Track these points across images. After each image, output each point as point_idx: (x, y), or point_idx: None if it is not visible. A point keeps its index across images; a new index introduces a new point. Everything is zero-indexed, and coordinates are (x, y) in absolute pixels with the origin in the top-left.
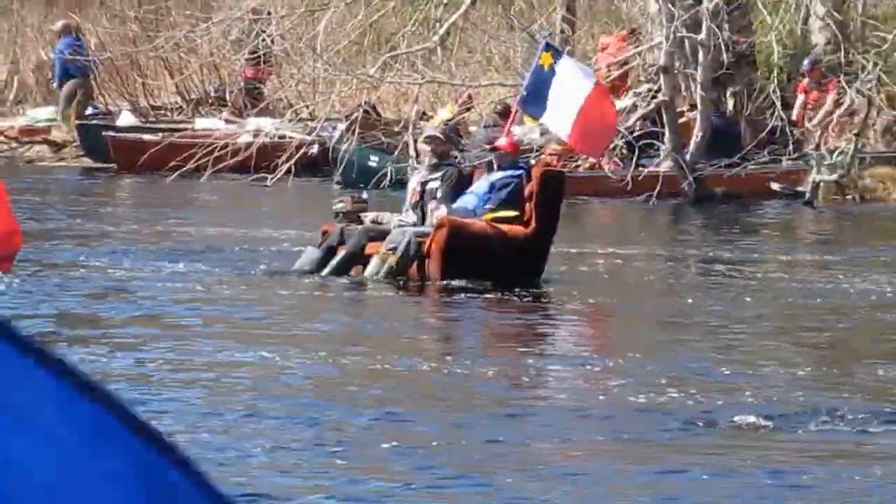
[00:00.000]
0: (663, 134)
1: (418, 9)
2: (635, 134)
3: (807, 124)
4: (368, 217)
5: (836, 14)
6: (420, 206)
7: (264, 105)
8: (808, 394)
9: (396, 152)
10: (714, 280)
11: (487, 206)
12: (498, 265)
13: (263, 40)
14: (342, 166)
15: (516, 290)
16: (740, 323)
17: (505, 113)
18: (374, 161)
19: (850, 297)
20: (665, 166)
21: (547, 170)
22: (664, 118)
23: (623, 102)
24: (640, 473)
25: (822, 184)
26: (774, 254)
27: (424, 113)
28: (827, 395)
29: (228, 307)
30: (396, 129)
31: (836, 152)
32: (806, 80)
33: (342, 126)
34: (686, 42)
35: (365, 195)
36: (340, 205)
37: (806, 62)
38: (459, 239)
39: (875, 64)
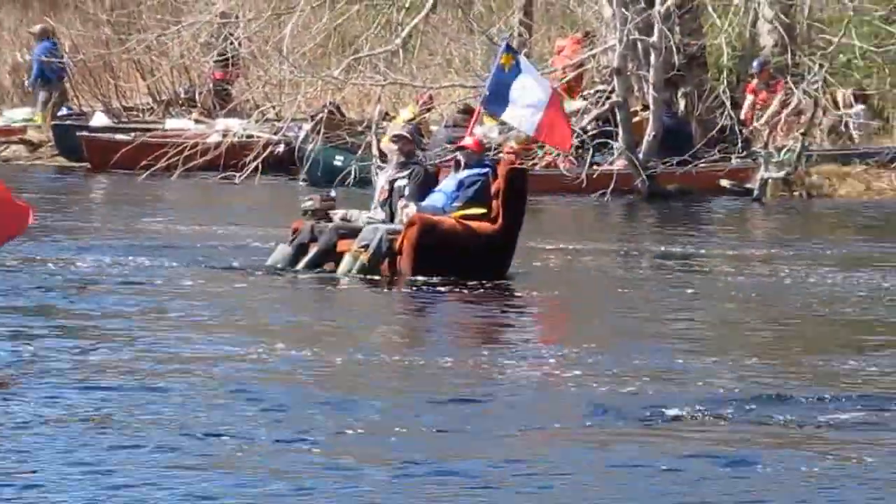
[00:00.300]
0: (617, 133)
1: (381, 12)
2: (590, 133)
3: (755, 124)
4: (337, 215)
5: (783, 17)
6: (388, 204)
7: (232, 106)
8: (756, 384)
9: (360, 151)
10: (666, 274)
11: (456, 204)
12: (466, 261)
13: (231, 43)
14: (308, 165)
15: (483, 284)
16: (690, 315)
17: (466, 112)
18: (338, 160)
19: (797, 291)
20: (619, 164)
21: (513, 167)
22: (618, 118)
23: (578, 103)
24: (600, 462)
25: (770, 181)
26: (724, 248)
27: (387, 113)
28: (774, 385)
29: (193, 301)
30: (360, 128)
31: (784, 150)
32: (755, 81)
33: (307, 126)
34: (639, 44)
35: (333, 193)
36: (309, 203)
37: (755, 64)
38: (430, 236)
39: (821, 66)
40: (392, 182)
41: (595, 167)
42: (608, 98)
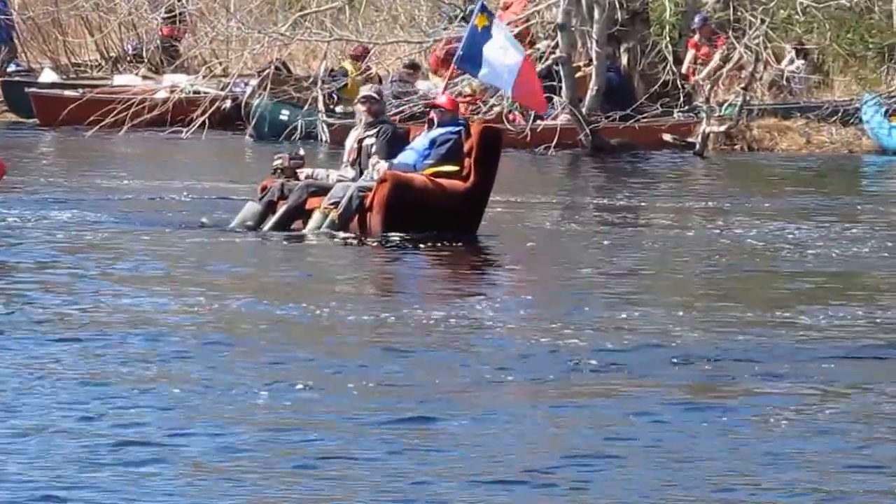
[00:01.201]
0: (560, 88)
1: None
2: None
3: (696, 78)
4: (303, 173)
5: None
6: (358, 163)
7: (180, 62)
8: (694, 336)
9: (306, 107)
10: (609, 227)
11: (427, 162)
12: (437, 219)
13: (179, 0)
14: (254, 121)
15: (443, 241)
16: (633, 267)
17: (411, 68)
18: (284, 115)
19: (737, 243)
20: (562, 119)
21: (486, 126)
22: (561, 73)
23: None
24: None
25: (711, 135)
26: (666, 201)
27: (332, 70)
28: (712, 337)
29: (141, 258)
30: (306, 84)
31: (725, 105)
32: (696, 37)
33: (254, 82)
34: (582, 0)
35: (301, 152)
36: (278, 161)
37: (696, 19)
38: (401, 193)
39: (762, 21)
40: (360, 141)
41: (539, 121)
42: (552, 53)
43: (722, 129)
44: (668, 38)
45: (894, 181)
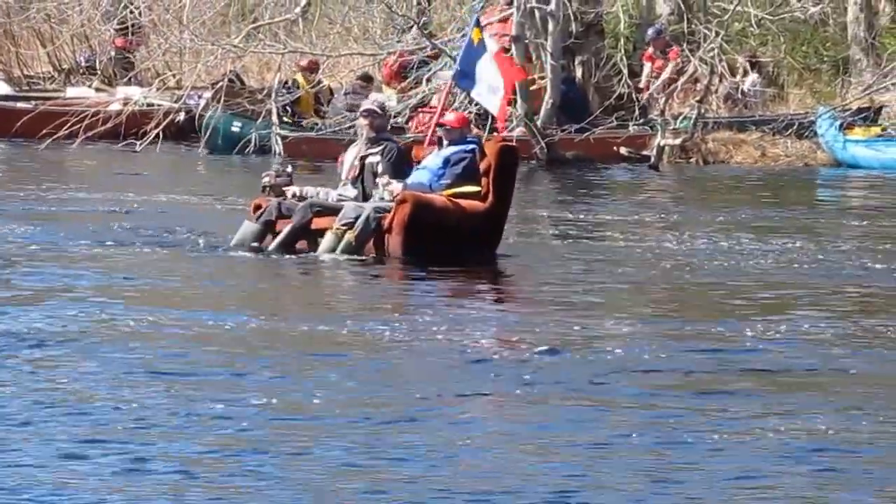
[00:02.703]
0: (515, 101)
1: None
2: None
3: (651, 91)
4: (290, 191)
5: None
6: (360, 181)
7: (133, 74)
8: (647, 348)
9: (260, 119)
10: (564, 239)
11: (443, 182)
12: (456, 240)
13: (132, 11)
14: (207, 133)
15: (465, 263)
16: (588, 278)
17: (365, 80)
18: (236, 127)
19: (692, 256)
20: (517, 131)
21: (504, 144)
22: (516, 86)
23: None
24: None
25: (666, 148)
26: (621, 214)
27: (286, 82)
28: (666, 348)
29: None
30: (260, 97)
31: (680, 118)
32: (650, 49)
33: (208, 94)
34: (536, 13)
35: (290, 169)
36: (266, 178)
37: (650, 31)
38: (423, 214)
39: (717, 33)
40: (363, 158)
41: (494, 133)
42: None
43: (677, 142)
44: (622, 51)
45: (849, 193)
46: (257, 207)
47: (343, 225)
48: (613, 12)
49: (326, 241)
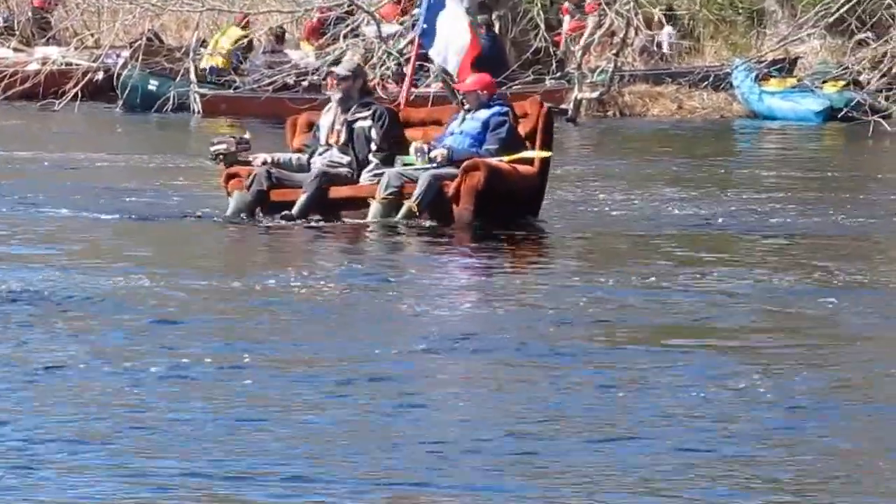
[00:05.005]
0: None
1: None
2: (408, 56)
3: (577, 48)
4: (259, 158)
5: None
6: (351, 147)
7: (51, 34)
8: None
9: (178, 77)
10: None
11: (491, 147)
12: (513, 205)
13: None
14: (126, 92)
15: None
16: (507, 231)
17: (277, 37)
18: (153, 86)
19: (610, 208)
20: (435, 87)
21: (548, 107)
22: None
23: (395, 26)
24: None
25: (583, 101)
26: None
27: (205, 40)
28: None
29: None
30: (178, 55)
31: (597, 71)
32: (567, 3)
33: (126, 53)
34: None
35: (247, 135)
36: (222, 146)
37: None
38: (494, 181)
39: None
40: (351, 123)
41: (412, 90)
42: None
43: (594, 95)
44: (539, 5)
45: (765, 145)
46: (230, 177)
47: (389, 194)
48: None
49: (374, 210)
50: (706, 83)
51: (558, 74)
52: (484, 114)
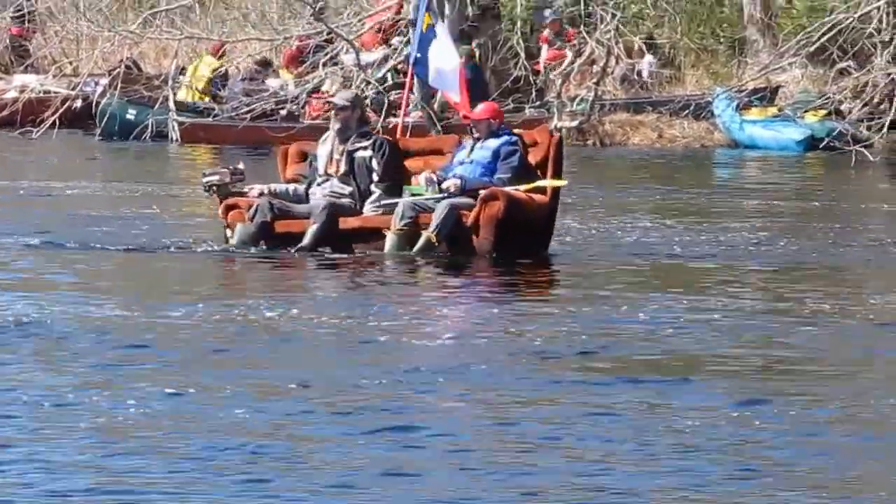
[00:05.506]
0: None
1: None
2: (387, 85)
3: (555, 74)
4: (255, 189)
5: None
6: (353, 177)
7: (30, 62)
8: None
9: (157, 105)
10: None
11: (503, 176)
12: (528, 235)
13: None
14: (104, 120)
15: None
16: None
17: (263, 66)
18: (131, 114)
19: (589, 236)
20: (414, 115)
21: (559, 137)
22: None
23: (375, 54)
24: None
25: (563, 130)
26: None
27: (183, 68)
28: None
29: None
30: (157, 83)
31: (577, 100)
32: (546, 31)
33: (105, 81)
34: None
35: (241, 166)
36: (215, 177)
37: (546, 13)
38: (514, 211)
39: (613, 15)
40: (351, 153)
41: (391, 119)
42: (404, 49)
43: (574, 124)
44: (519, 34)
45: (746, 174)
46: (228, 208)
47: (404, 225)
48: None
49: (390, 242)
50: (687, 112)
51: (538, 103)
52: (494, 143)
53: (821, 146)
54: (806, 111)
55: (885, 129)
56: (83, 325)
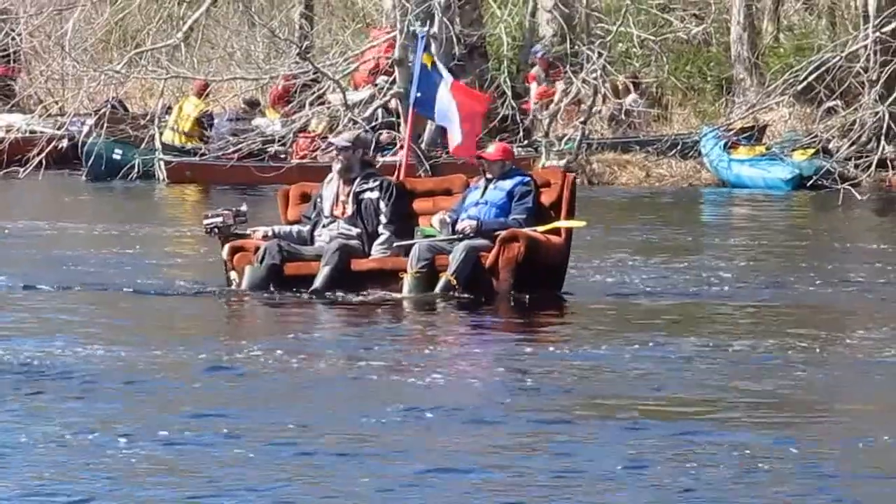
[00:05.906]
0: (399, 124)
1: (162, 6)
2: (374, 124)
3: (545, 114)
4: (259, 232)
5: (562, 7)
6: (360, 218)
7: (15, 102)
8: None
9: (143, 145)
10: None
11: (519, 217)
12: (545, 276)
13: (13, 38)
14: (90, 160)
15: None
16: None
17: (251, 105)
18: (117, 154)
19: (577, 275)
20: (401, 155)
21: (573, 177)
22: (399, 109)
23: (362, 93)
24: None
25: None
26: None
27: (169, 107)
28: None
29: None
30: (143, 122)
31: (564, 139)
32: (535, 69)
33: (91, 121)
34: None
35: (244, 207)
36: (218, 219)
37: (533, 50)
38: (533, 252)
39: (599, 54)
40: (358, 195)
41: (378, 158)
42: (391, 89)
43: (561, 163)
44: (506, 73)
45: (734, 213)
46: (234, 250)
47: (422, 267)
48: (496, 34)
49: (408, 285)
50: (674, 151)
51: (525, 142)
52: (508, 183)
53: (808, 185)
54: (794, 150)
55: (872, 168)
56: (72, 365)
